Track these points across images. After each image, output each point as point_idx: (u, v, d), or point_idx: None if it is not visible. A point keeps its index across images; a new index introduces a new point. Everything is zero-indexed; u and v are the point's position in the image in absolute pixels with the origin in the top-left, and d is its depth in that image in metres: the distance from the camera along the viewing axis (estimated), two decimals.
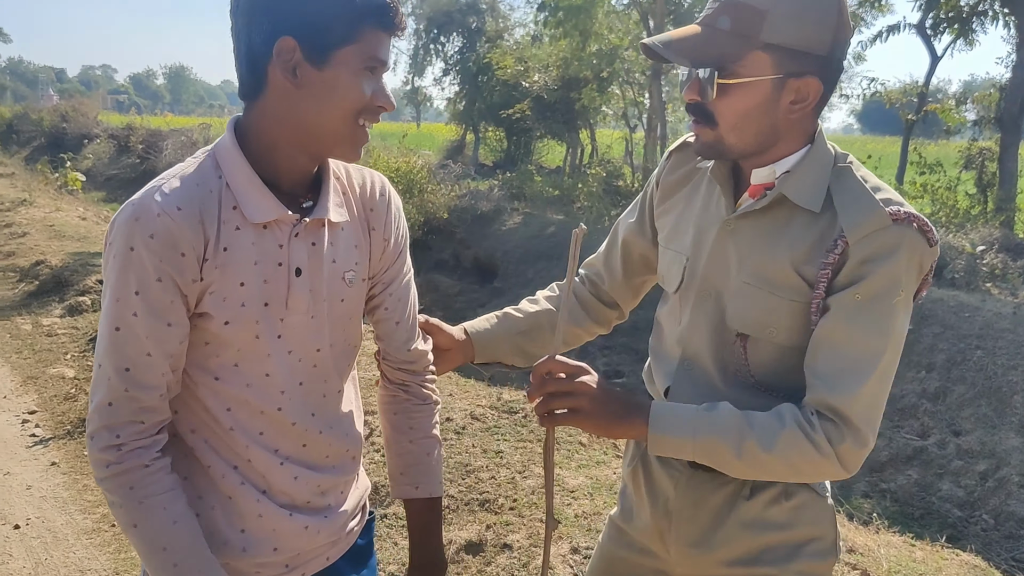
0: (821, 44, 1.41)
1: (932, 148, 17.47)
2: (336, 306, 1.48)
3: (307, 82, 1.32)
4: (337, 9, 1.29)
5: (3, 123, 30.43)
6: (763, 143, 1.49)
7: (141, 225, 1.27)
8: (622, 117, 21.79)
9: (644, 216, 1.83)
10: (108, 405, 1.33)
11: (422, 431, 1.67)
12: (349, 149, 1.41)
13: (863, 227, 1.41)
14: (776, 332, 1.51)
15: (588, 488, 3.75)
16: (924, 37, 14.74)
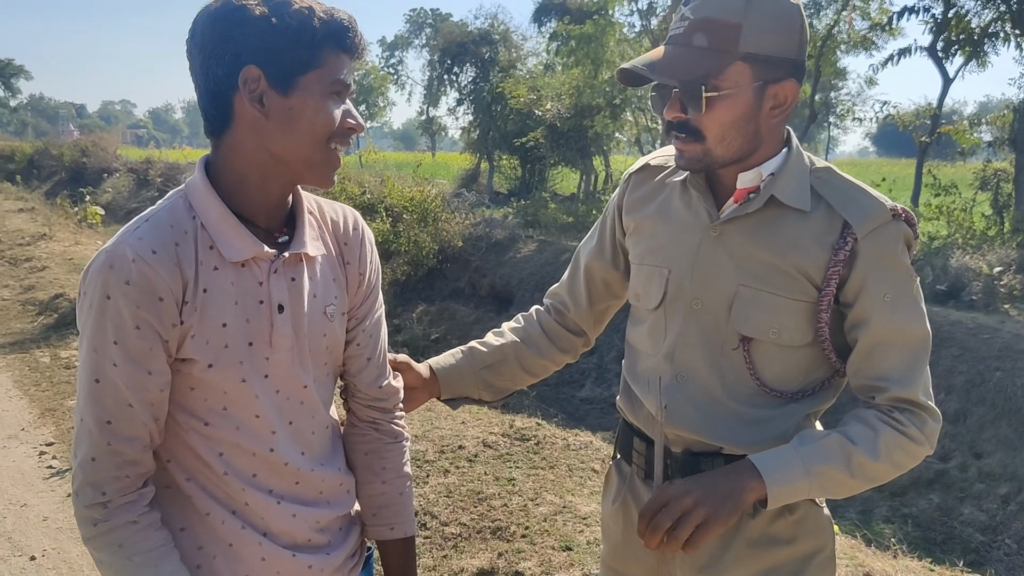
0: (791, 48, 1.48)
1: (948, 170, 17.43)
2: (319, 341, 1.45)
3: (274, 110, 1.30)
4: (298, 35, 1.28)
5: (24, 158, 30.87)
6: (748, 150, 1.53)
7: (116, 272, 1.25)
8: (635, 143, 21.86)
9: (605, 242, 1.84)
10: (91, 460, 1.29)
11: (394, 471, 1.61)
12: (322, 175, 1.38)
13: (870, 222, 1.48)
14: (780, 333, 1.53)
15: (600, 515, 3.73)
16: (936, 60, 14.74)
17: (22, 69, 57.10)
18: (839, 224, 1.50)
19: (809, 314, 1.53)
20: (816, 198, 1.53)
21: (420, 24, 39.59)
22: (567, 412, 9.01)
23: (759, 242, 1.54)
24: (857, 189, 1.53)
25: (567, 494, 3.94)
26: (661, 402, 1.62)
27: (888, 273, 1.49)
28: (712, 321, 1.58)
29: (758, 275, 1.53)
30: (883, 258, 1.49)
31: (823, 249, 1.50)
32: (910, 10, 14.72)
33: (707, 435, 1.58)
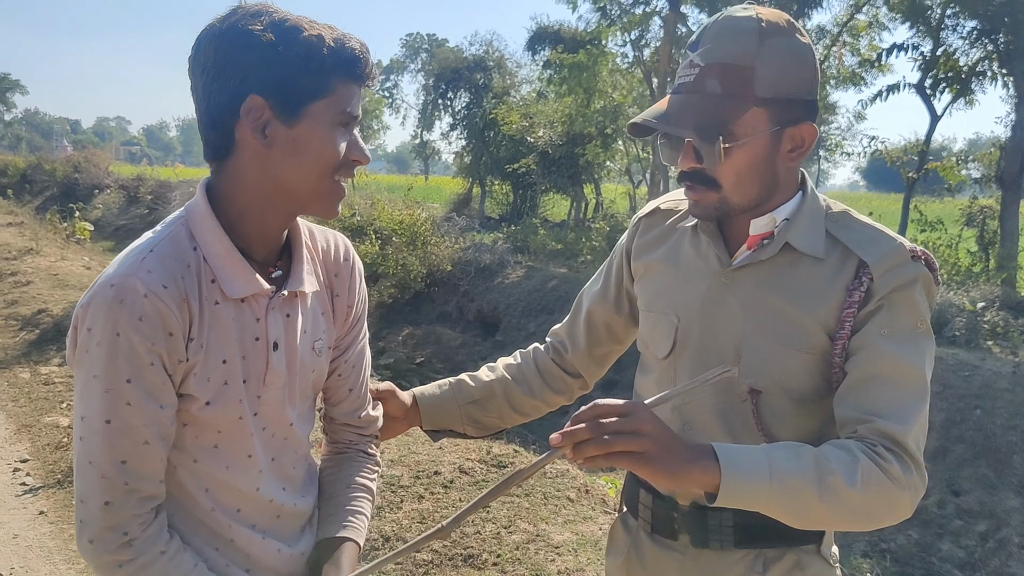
0: (806, 88, 1.42)
1: (937, 206, 17.53)
2: (307, 376, 1.43)
3: (278, 140, 1.26)
4: (306, 63, 1.23)
5: (17, 173, 30.79)
6: (764, 195, 1.47)
7: (127, 307, 1.19)
8: (626, 172, 21.99)
9: (610, 285, 1.79)
10: (106, 504, 1.23)
11: (367, 490, 1.58)
12: (327, 206, 1.34)
13: (887, 261, 1.41)
14: (791, 387, 1.46)
15: (573, 544, 3.72)
16: (924, 97, 14.88)
17: (18, 84, 57.24)
18: (854, 264, 1.43)
19: (822, 366, 1.45)
20: (832, 243, 1.46)
21: (416, 49, 39.89)
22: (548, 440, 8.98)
23: (772, 290, 1.47)
24: (876, 230, 1.46)
25: (541, 522, 3.94)
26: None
27: (897, 311, 1.40)
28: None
29: (768, 324, 1.47)
30: (895, 298, 1.40)
31: (837, 291, 1.43)
32: (899, 47, 14.88)
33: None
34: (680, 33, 17.98)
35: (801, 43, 1.42)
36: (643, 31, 19.12)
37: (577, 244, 16.20)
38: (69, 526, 4.37)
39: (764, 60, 1.38)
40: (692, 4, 17.83)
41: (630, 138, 20.09)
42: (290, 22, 1.25)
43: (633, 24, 18.64)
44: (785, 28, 1.41)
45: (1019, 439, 7.18)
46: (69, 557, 4.08)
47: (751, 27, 1.39)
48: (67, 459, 5.14)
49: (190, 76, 1.30)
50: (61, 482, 4.88)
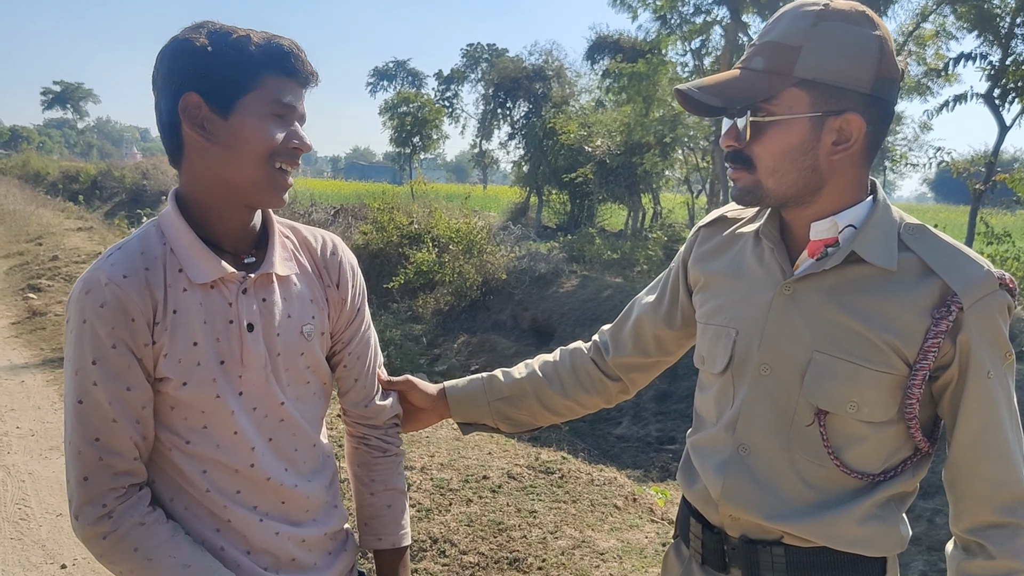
0: (861, 80, 1.33)
1: (1007, 218, 17.10)
2: (295, 360, 1.49)
3: (217, 133, 1.36)
4: (234, 59, 1.35)
5: (88, 179, 31.83)
6: (804, 188, 1.39)
7: (91, 297, 1.32)
8: (684, 182, 21.86)
9: (664, 297, 1.75)
10: (84, 480, 1.33)
11: (382, 483, 1.67)
12: (270, 193, 1.42)
13: (977, 290, 1.33)
14: (859, 407, 1.38)
15: (618, 551, 3.72)
16: (992, 107, 14.53)
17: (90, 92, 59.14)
18: (938, 288, 1.34)
19: (894, 388, 1.37)
20: (907, 257, 1.37)
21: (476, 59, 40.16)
22: (601, 449, 8.96)
23: (839, 304, 1.39)
24: (958, 251, 1.37)
25: (587, 529, 3.94)
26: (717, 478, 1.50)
27: (992, 347, 1.34)
28: (783, 390, 1.43)
29: (837, 341, 1.38)
30: (988, 331, 1.34)
31: (920, 317, 1.34)
32: (966, 56, 14.55)
33: (767, 518, 1.44)
34: (741, 42, 17.84)
35: (866, 33, 1.34)
36: (704, 40, 19.02)
37: (633, 254, 16.15)
38: None
39: (813, 41, 1.33)
40: (753, 13, 17.69)
41: (689, 147, 19.98)
42: (224, 29, 1.38)
43: (693, 33, 18.55)
44: (851, 15, 1.35)
45: None
46: None
47: (811, 10, 1.35)
48: None
49: (152, 93, 1.42)
50: None
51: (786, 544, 1.44)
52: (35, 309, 9.77)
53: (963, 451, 1.38)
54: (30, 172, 37.30)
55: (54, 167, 38.23)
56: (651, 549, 3.79)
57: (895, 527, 1.44)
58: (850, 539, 1.42)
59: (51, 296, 10.40)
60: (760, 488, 1.45)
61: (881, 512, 1.43)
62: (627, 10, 19.10)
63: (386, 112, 35.81)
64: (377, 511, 1.67)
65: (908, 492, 1.48)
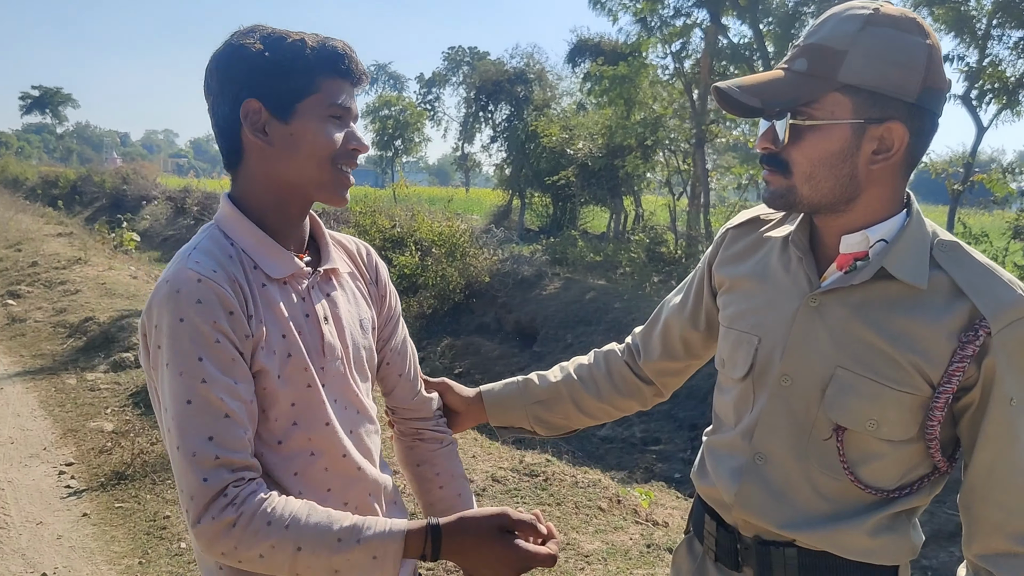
0: (907, 89, 1.29)
1: (985, 218, 17.24)
2: (361, 352, 1.53)
3: (278, 138, 1.38)
4: (293, 64, 1.36)
5: (68, 184, 31.58)
6: (840, 196, 1.36)
7: (185, 296, 1.29)
8: (666, 184, 21.93)
9: (689, 299, 1.74)
10: (204, 481, 1.27)
11: (448, 473, 1.70)
12: (333, 193, 1.44)
13: (1007, 314, 1.29)
14: (879, 425, 1.36)
15: (603, 553, 3.73)
16: (969, 108, 14.69)
17: (69, 97, 58.67)
18: (966, 310, 1.31)
19: (916, 409, 1.35)
20: (938, 276, 1.34)
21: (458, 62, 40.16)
22: (586, 451, 8.97)
23: (865, 321, 1.36)
24: (990, 272, 1.33)
25: (571, 531, 3.95)
26: (731, 484, 1.51)
27: (1018, 376, 1.31)
28: (802, 403, 1.42)
29: (860, 358, 1.36)
30: (1015, 358, 1.30)
31: (947, 339, 1.31)
32: (944, 58, 14.69)
33: (780, 525, 1.45)
34: (721, 44, 17.93)
35: (914, 40, 1.29)
36: (684, 43, 19.09)
37: (616, 256, 16.18)
38: (111, 528, 4.47)
39: (859, 46, 1.29)
40: (734, 16, 17.78)
41: (670, 150, 20.04)
42: (277, 33, 1.39)
43: (674, 36, 18.61)
44: (901, 21, 1.31)
45: None
46: (110, 558, 4.17)
47: (861, 14, 1.31)
48: (111, 463, 5.26)
49: (205, 98, 1.44)
50: (104, 485, 4.99)
51: (799, 546, 1.45)
52: (14, 315, 9.69)
53: (979, 477, 1.36)
54: (9, 178, 37.02)
55: (33, 172, 37.93)
56: (636, 551, 3.80)
57: (906, 536, 1.44)
58: (860, 549, 1.42)
59: (30, 302, 10.31)
60: (774, 497, 1.45)
61: (892, 523, 1.43)
62: (607, 13, 19.18)
63: (367, 115, 35.80)
64: (450, 502, 1.67)
65: (922, 506, 1.47)
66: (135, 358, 7.48)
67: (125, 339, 8.01)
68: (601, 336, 11.22)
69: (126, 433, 5.67)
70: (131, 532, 4.42)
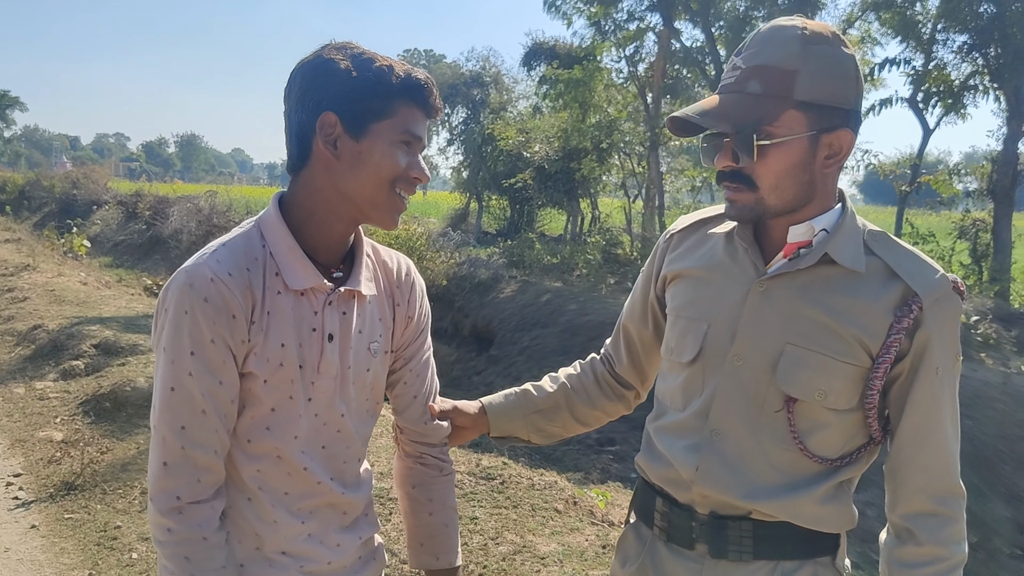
0: (847, 98, 1.45)
1: (932, 219, 17.61)
2: (362, 375, 1.56)
3: (346, 153, 1.44)
4: (374, 86, 1.42)
5: (16, 189, 30.93)
6: (801, 201, 1.50)
7: (195, 291, 1.37)
8: (621, 187, 22.08)
9: (637, 302, 1.84)
10: (164, 465, 1.39)
11: (441, 502, 1.73)
12: (386, 215, 1.49)
13: (935, 291, 1.45)
14: (827, 395, 1.48)
15: (559, 555, 3.76)
16: (916, 110, 15.01)
17: (17, 100, 57.42)
18: (900, 289, 1.46)
19: (858, 379, 1.49)
20: (872, 261, 1.50)
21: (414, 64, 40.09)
22: (543, 453, 8.99)
23: (810, 301, 1.49)
24: (917, 257, 1.50)
25: (528, 533, 3.97)
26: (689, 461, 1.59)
27: (944, 346, 1.47)
28: (754, 379, 1.53)
29: (808, 334, 1.49)
30: (943, 331, 1.46)
31: (884, 315, 1.46)
32: (891, 61, 15.02)
33: (739, 497, 1.54)
34: (674, 48, 18.11)
35: (845, 54, 1.46)
36: (638, 47, 19.27)
37: (572, 258, 16.26)
38: (61, 539, 4.40)
39: (807, 65, 1.42)
40: (686, 20, 17.98)
41: (625, 152, 20.20)
42: (367, 55, 1.45)
43: (627, 40, 18.79)
44: (830, 38, 1.45)
45: (1008, 448, 7.23)
46: (59, 571, 4.10)
47: (795, 34, 1.44)
48: (60, 473, 5.18)
49: (284, 102, 1.50)
50: (53, 496, 4.91)
51: (754, 519, 1.55)
52: None
53: (905, 441, 1.50)
54: None
55: None
56: (591, 552, 3.83)
57: (848, 506, 1.57)
58: (811, 517, 1.53)
59: None
60: (731, 471, 1.55)
61: (837, 493, 1.55)
62: (562, 17, 19.27)
63: None
64: (435, 531, 1.72)
65: (857, 476, 1.60)
66: (85, 366, 7.36)
67: (75, 347, 7.86)
68: (556, 338, 11.25)
69: (76, 443, 5.57)
70: (81, 543, 4.35)
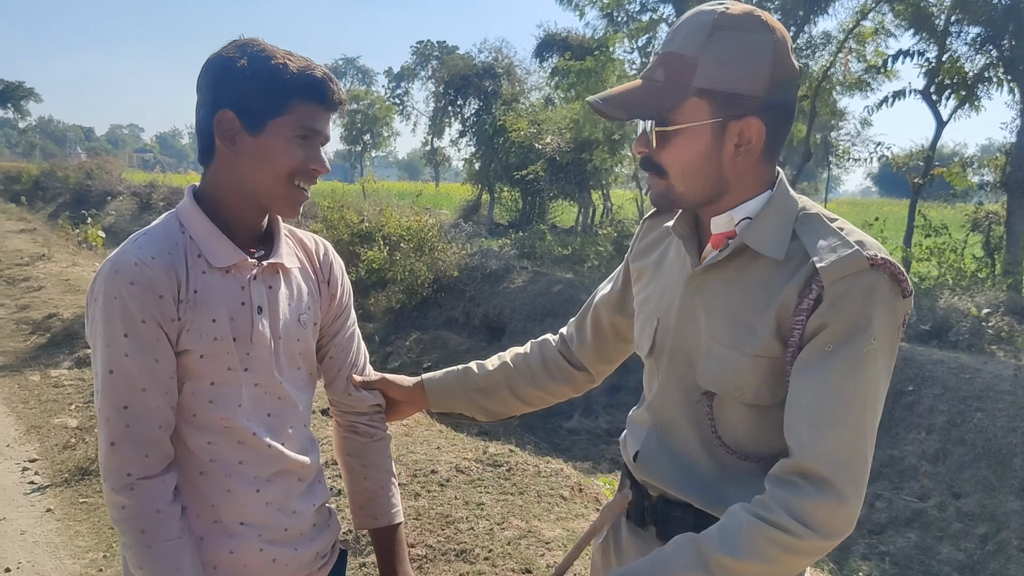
0: (756, 86, 1.39)
1: (947, 211, 17.53)
2: (293, 344, 1.64)
3: (244, 148, 1.51)
4: (270, 85, 1.47)
5: (30, 180, 31.13)
6: (713, 190, 1.46)
7: (121, 276, 1.44)
8: (633, 178, 22.05)
9: (618, 286, 1.83)
10: (111, 445, 1.45)
11: (375, 467, 1.81)
12: (286, 206, 1.58)
13: (838, 269, 1.33)
14: (743, 391, 1.43)
15: (564, 540, 3.80)
16: (929, 102, 14.90)
17: (32, 91, 57.53)
18: (808, 270, 1.37)
19: (776, 372, 1.41)
20: (795, 245, 1.41)
21: (426, 56, 40.07)
22: (552, 443, 9.05)
23: (731, 293, 1.46)
24: (836, 235, 1.38)
25: (533, 519, 4.01)
26: (634, 449, 1.63)
27: (844, 325, 1.32)
28: (686, 373, 1.53)
29: (724, 328, 1.45)
30: (845, 309, 1.32)
31: (790, 296, 1.38)
32: (905, 53, 14.89)
33: (676, 488, 1.54)
34: None
35: (757, 38, 1.39)
36: (650, 38, 19.20)
37: (584, 249, 16.27)
38: (75, 523, 4.47)
39: (709, 52, 1.39)
40: None
41: None
42: (266, 52, 1.50)
43: (640, 31, 18.72)
44: (744, 22, 1.39)
45: (1019, 441, 7.20)
46: (74, 553, 4.18)
47: (707, 20, 1.40)
48: (74, 459, 5.25)
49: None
50: (68, 481, 4.99)
51: (695, 508, 1.52)
52: None
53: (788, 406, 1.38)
54: None
55: None
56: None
57: None
58: None
59: None
60: (671, 462, 1.56)
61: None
62: (574, 8, 19.23)
63: None
64: (372, 494, 1.80)
65: None
66: None
67: None
68: None
69: (90, 429, 5.65)
70: (95, 527, 4.43)
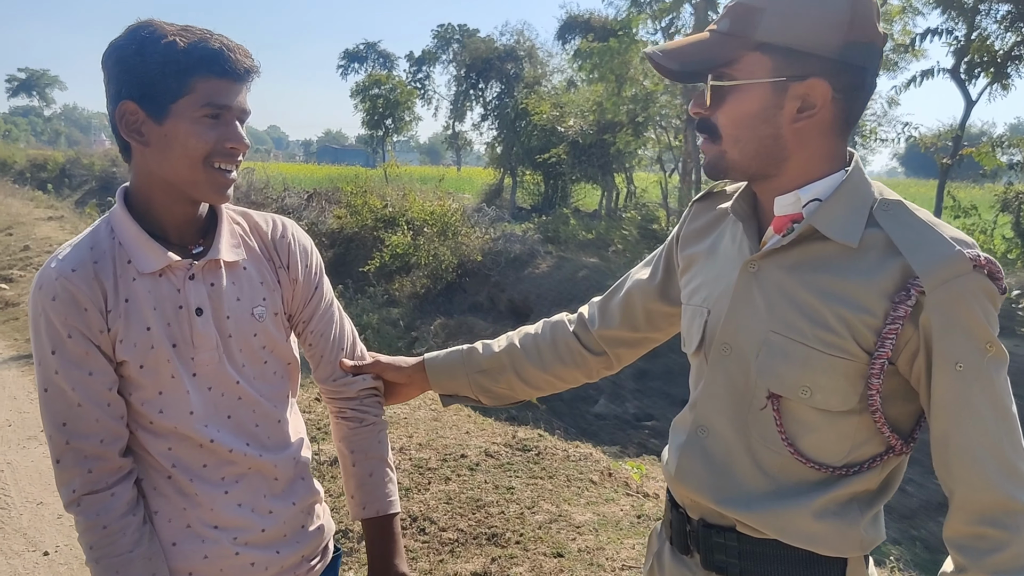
0: (827, 44, 1.24)
1: (976, 191, 17.32)
2: (249, 340, 1.55)
3: (153, 139, 1.42)
4: (164, 66, 1.38)
5: (56, 167, 31.38)
6: (770, 159, 1.32)
7: (44, 292, 1.39)
8: (657, 161, 21.94)
9: (657, 272, 1.68)
10: (57, 463, 1.42)
11: (362, 452, 1.72)
12: (209, 192, 1.47)
13: (942, 271, 1.19)
14: (814, 393, 1.28)
15: (594, 524, 3.81)
16: (958, 81, 14.71)
17: (56, 79, 58.09)
18: (899, 269, 1.22)
19: (853, 376, 1.26)
20: (875, 234, 1.26)
21: (447, 40, 39.93)
22: (579, 427, 9.06)
23: (799, 282, 1.30)
24: (931, 230, 1.23)
25: (563, 503, 4.03)
26: (674, 457, 1.47)
27: (962, 338, 1.19)
28: (740, 371, 1.36)
29: (791, 321, 1.29)
30: (956, 318, 1.19)
31: (880, 300, 1.23)
32: (933, 32, 14.70)
33: (717, 501, 1.39)
34: (710, 20, 17.86)
35: None
36: (673, 19, 19.07)
37: (608, 234, 16.24)
38: None
39: (777, 2, 1.26)
40: None
41: (661, 126, 20.03)
42: (157, 32, 1.39)
43: (663, 12, 18.59)
44: None
45: None
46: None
47: None
48: None
49: None
50: None
51: (739, 532, 1.38)
52: (7, 300, 9.70)
53: (939, 449, 1.25)
54: None
55: (21, 156, 37.61)
56: (626, 521, 3.88)
57: (855, 526, 1.32)
58: (804, 534, 1.32)
59: (23, 287, 10.31)
60: (714, 470, 1.40)
61: (840, 509, 1.32)
62: None
63: (358, 94, 35.58)
64: (360, 480, 1.71)
65: (873, 491, 1.35)
66: None
67: None
68: None
69: None
70: None
